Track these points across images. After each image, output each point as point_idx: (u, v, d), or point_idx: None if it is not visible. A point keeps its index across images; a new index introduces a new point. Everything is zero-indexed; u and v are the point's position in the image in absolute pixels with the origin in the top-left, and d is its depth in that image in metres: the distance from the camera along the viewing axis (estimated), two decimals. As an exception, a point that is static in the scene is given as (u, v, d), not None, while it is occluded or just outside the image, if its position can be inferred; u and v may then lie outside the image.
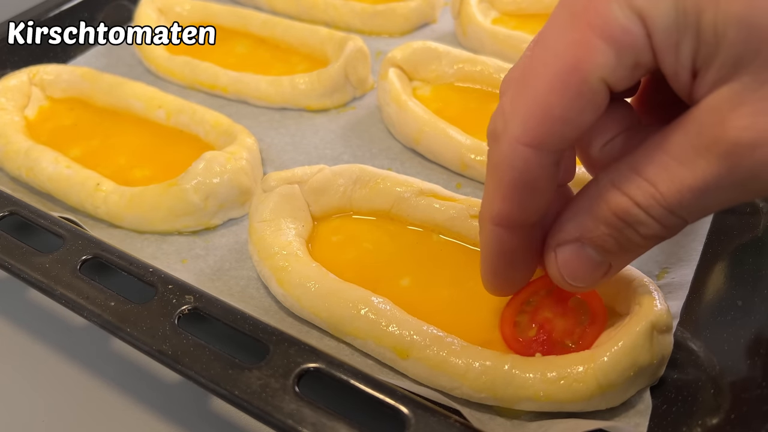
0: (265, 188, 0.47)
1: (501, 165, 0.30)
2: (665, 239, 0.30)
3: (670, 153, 0.27)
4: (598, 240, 0.31)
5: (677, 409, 0.36)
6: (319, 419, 0.32)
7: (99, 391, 0.42)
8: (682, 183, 0.27)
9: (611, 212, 0.29)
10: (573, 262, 0.32)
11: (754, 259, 0.43)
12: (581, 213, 0.31)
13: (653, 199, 0.28)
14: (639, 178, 0.28)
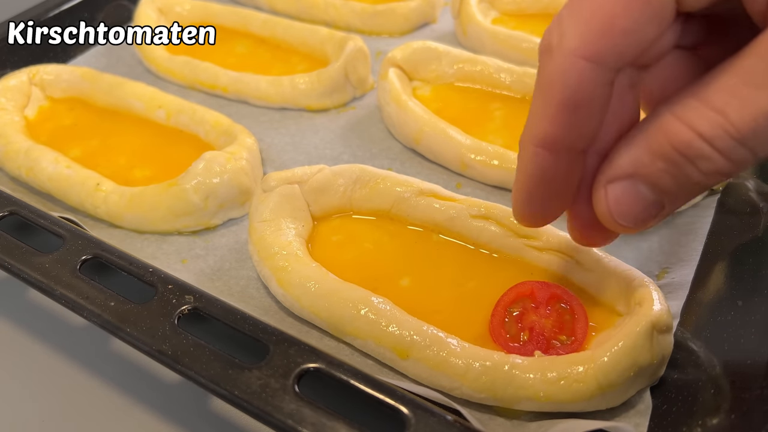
0: (265, 188, 0.47)
1: (553, 81, 0.28)
2: (727, 177, 0.28)
3: (743, 77, 0.25)
4: (654, 176, 0.28)
5: (677, 409, 0.36)
6: (319, 419, 0.32)
7: (99, 391, 0.42)
8: (755, 107, 0.25)
9: (670, 145, 0.27)
10: (624, 199, 0.30)
11: (754, 259, 0.43)
12: (637, 147, 0.29)
13: (721, 129, 0.25)
14: (704, 106, 0.26)
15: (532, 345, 0.39)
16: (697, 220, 0.49)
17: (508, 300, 0.41)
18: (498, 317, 0.40)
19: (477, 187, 0.53)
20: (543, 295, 0.41)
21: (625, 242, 0.48)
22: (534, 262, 0.44)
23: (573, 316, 0.40)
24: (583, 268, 0.43)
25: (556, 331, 0.39)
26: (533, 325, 0.40)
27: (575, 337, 0.39)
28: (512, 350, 0.39)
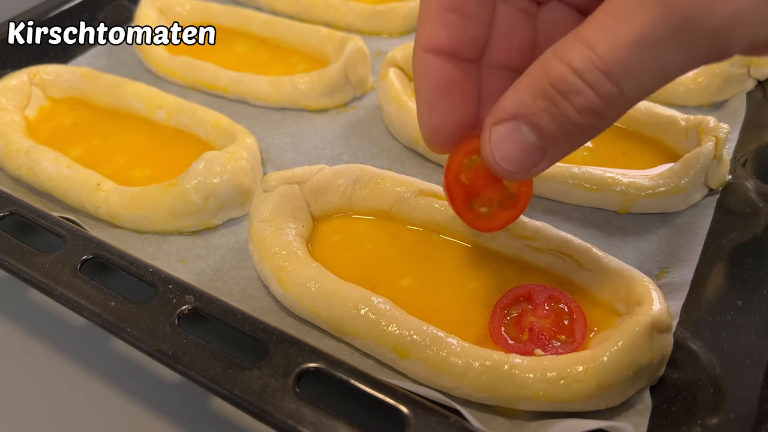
0: (265, 188, 0.47)
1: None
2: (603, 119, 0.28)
3: (611, 12, 0.26)
4: (535, 116, 0.29)
5: (677, 409, 0.36)
6: (319, 419, 0.32)
7: (99, 391, 0.42)
8: (620, 39, 0.25)
9: (548, 82, 0.28)
10: (506, 141, 0.30)
11: (754, 259, 0.43)
12: (521, 88, 0.29)
13: (590, 62, 0.26)
14: (579, 43, 0.27)
15: (532, 345, 0.39)
16: (697, 220, 0.49)
17: (507, 302, 0.41)
18: (497, 319, 0.40)
19: (477, 187, 0.53)
20: (541, 297, 0.41)
21: (625, 242, 0.48)
22: (534, 262, 0.44)
23: (571, 317, 0.40)
24: (583, 268, 0.43)
25: (555, 331, 0.40)
26: (532, 326, 0.40)
27: (574, 337, 0.39)
28: (513, 350, 0.39)
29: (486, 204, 0.37)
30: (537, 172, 0.31)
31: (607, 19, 0.26)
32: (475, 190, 0.36)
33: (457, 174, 0.36)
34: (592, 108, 0.27)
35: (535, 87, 0.28)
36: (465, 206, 0.37)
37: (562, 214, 0.51)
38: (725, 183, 0.51)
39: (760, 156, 0.53)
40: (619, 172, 0.50)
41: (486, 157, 0.31)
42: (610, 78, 0.26)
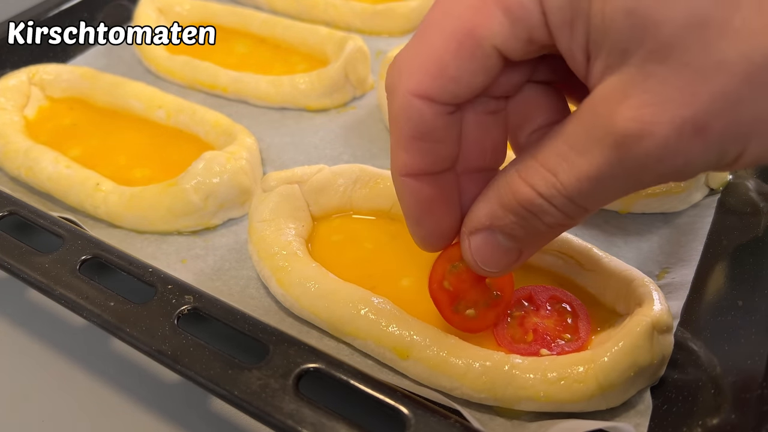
0: (265, 188, 0.47)
1: (398, 117, 0.31)
2: (570, 227, 0.31)
3: (569, 143, 0.27)
4: (507, 228, 0.31)
5: (677, 409, 0.36)
6: (319, 419, 0.32)
7: (99, 391, 0.42)
8: (580, 172, 0.27)
9: (517, 202, 0.30)
10: (485, 248, 0.33)
11: (754, 259, 0.43)
12: (491, 201, 0.32)
13: (554, 189, 0.28)
14: (541, 168, 0.29)
15: (538, 345, 0.39)
16: (697, 220, 0.49)
17: (509, 304, 0.41)
18: (501, 321, 0.40)
19: (477, 187, 0.53)
20: (542, 297, 0.41)
21: (625, 242, 0.48)
22: (534, 263, 0.44)
23: (575, 315, 0.40)
24: (584, 268, 0.42)
25: (559, 330, 0.40)
26: (536, 327, 0.40)
27: (579, 335, 0.39)
28: (518, 351, 0.39)
29: (472, 306, 0.39)
30: (515, 267, 0.34)
31: (566, 148, 0.28)
32: (460, 294, 0.38)
33: (440, 281, 0.38)
34: (561, 223, 0.30)
35: (504, 203, 0.31)
36: (451, 311, 0.39)
37: (563, 214, 0.51)
38: (726, 183, 0.51)
39: (760, 156, 0.53)
40: (620, 171, 0.50)
41: (469, 263, 0.34)
42: (574, 203, 0.28)
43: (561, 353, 0.38)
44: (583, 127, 0.27)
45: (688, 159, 0.25)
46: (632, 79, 0.25)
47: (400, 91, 0.30)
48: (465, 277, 0.39)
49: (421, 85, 0.29)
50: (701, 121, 0.23)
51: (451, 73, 0.29)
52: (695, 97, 0.23)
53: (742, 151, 0.25)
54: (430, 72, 0.29)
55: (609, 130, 0.25)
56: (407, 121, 0.30)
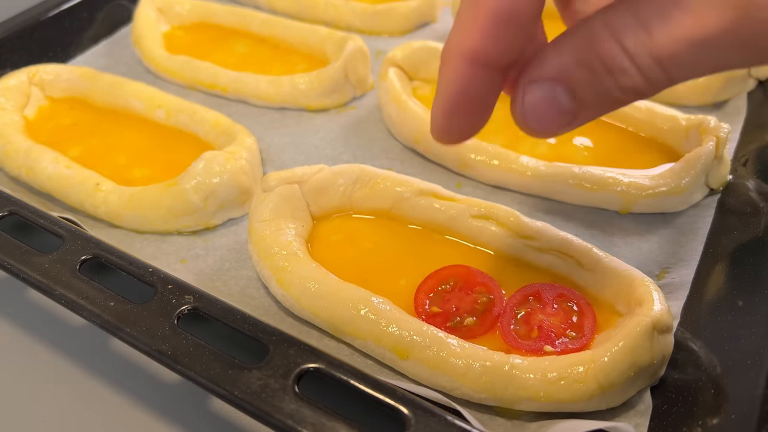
0: (265, 188, 0.47)
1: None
2: (643, 97, 0.28)
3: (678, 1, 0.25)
4: (574, 84, 0.28)
5: (677, 409, 0.36)
6: (319, 419, 0.32)
7: (99, 391, 0.42)
8: (682, 32, 0.24)
9: (596, 55, 0.27)
10: (541, 102, 0.29)
11: (754, 259, 0.43)
12: (565, 52, 0.28)
13: (644, 47, 0.26)
14: (635, 21, 0.26)
15: (542, 342, 0.39)
16: (697, 220, 0.49)
17: (516, 301, 0.41)
18: (506, 318, 0.40)
19: (477, 187, 0.53)
20: (549, 295, 0.41)
21: (626, 242, 0.48)
22: (534, 263, 0.44)
23: (580, 313, 0.40)
24: (584, 268, 0.43)
25: (564, 328, 0.40)
26: (541, 324, 0.40)
27: (583, 333, 0.39)
28: (522, 348, 0.39)
29: (468, 315, 0.40)
30: (561, 133, 0.31)
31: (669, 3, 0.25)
32: (451, 312, 0.40)
33: (426, 311, 0.40)
34: (636, 89, 0.27)
35: (581, 55, 0.27)
36: (448, 327, 0.40)
37: (563, 214, 0.51)
38: (726, 183, 0.51)
39: (761, 156, 0.53)
40: (620, 172, 0.50)
41: (515, 114, 0.31)
42: (662, 67, 0.26)
43: (565, 351, 0.38)
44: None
45: None
46: None
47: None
48: (449, 296, 0.41)
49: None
50: None
51: None
52: None
53: None
54: None
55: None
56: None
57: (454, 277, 0.43)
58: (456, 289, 0.42)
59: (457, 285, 0.42)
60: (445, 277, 0.43)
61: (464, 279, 0.42)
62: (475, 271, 0.43)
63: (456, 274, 0.43)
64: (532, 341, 0.39)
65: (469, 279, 0.42)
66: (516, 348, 0.39)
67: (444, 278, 0.43)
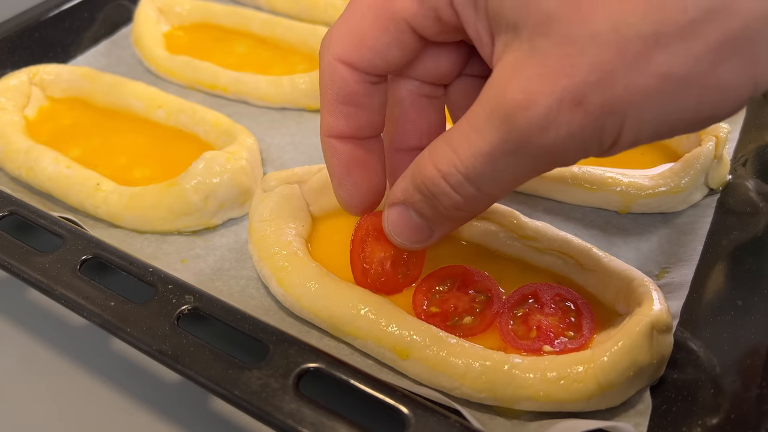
0: (265, 188, 0.47)
1: (324, 80, 0.33)
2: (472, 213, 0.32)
3: (470, 121, 0.28)
4: (416, 205, 0.33)
5: (677, 409, 0.36)
6: (319, 419, 0.32)
7: (99, 391, 0.42)
8: (475, 149, 0.28)
9: (422, 180, 0.31)
10: (399, 222, 0.35)
11: (754, 259, 0.43)
12: (407, 177, 0.33)
13: (453, 167, 0.29)
14: (446, 146, 0.30)
15: (541, 342, 0.39)
16: (697, 220, 0.49)
17: (514, 301, 0.41)
18: (505, 318, 0.40)
19: (477, 187, 0.53)
20: (547, 295, 0.41)
21: (625, 242, 0.48)
22: (534, 263, 0.44)
23: (579, 313, 0.40)
24: (583, 268, 0.43)
25: (563, 327, 0.40)
26: (540, 324, 0.40)
27: (582, 333, 0.39)
28: (521, 348, 0.39)
29: (466, 314, 0.41)
30: (430, 244, 0.36)
31: (466, 126, 0.28)
32: (449, 312, 0.41)
33: (425, 311, 0.41)
34: (458, 207, 0.31)
35: (415, 181, 0.32)
36: (448, 327, 0.41)
37: (562, 214, 0.51)
38: (725, 183, 0.51)
39: (760, 156, 0.53)
40: (619, 171, 0.50)
41: (386, 232, 0.36)
42: (470, 181, 0.29)
43: (564, 350, 0.38)
44: (481, 105, 0.28)
45: (569, 131, 0.25)
46: (524, 54, 0.25)
47: (327, 56, 0.32)
48: (447, 296, 0.41)
49: (344, 51, 0.31)
50: (580, 91, 0.24)
51: (369, 43, 0.31)
52: (574, 69, 0.24)
53: (620, 126, 0.25)
54: (351, 40, 0.31)
55: (500, 103, 0.26)
56: (332, 84, 0.32)
57: (452, 277, 0.43)
58: (454, 289, 0.42)
59: (455, 285, 0.42)
60: (442, 277, 0.43)
61: (462, 278, 0.42)
62: (473, 270, 0.43)
63: (453, 273, 0.43)
64: (530, 341, 0.39)
65: (467, 278, 0.42)
66: (515, 348, 0.39)
67: (442, 278, 0.43)
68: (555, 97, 0.25)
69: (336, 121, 0.34)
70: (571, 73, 0.24)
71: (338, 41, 0.32)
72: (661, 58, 0.23)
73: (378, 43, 0.31)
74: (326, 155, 0.35)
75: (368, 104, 0.33)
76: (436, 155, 0.30)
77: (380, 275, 0.41)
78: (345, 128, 0.34)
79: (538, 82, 0.25)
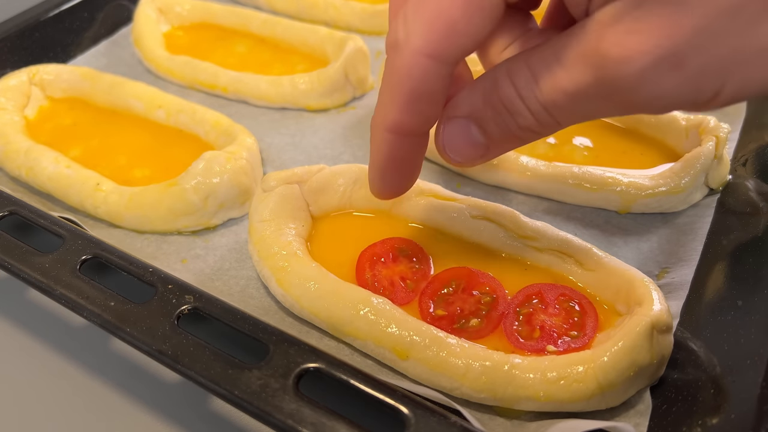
0: (265, 188, 0.47)
1: (401, 75, 0.31)
2: (541, 135, 0.32)
3: (557, 55, 0.28)
4: (483, 121, 0.32)
5: (677, 409, 0.36)
6: (319, 419, 0.32)
7: (99, 391, 0.42)
8: (559, 84, 0.28)
9: (498, 98, 0.31)
10: (456, 136, 0.34)
11: (754, 259, 0.43)
12: (475, 92, 0.32)
13: (533, 94, 0.29)
14: (528, 71, 0.29)
15: (544, 342, 0.39)
16: (697, 220, 0.49)
17: (518, 301, 0.41)
18: (509, 318, 0.40)
19: (477, 187, 0.53)
20: (551, 296, 0.41)
21: (625, 242, 0.48)
22: (534, 263, 0.44)
23: (582, 313, 0.40)
24: (584, 268, 0.43)
25: (566, 327, 0.40)
26: (543, 324, 0.40)
27: (585, 332, 0.39)
28: (525, 347, 0.39)
29: (473, 316, 0.41)
30: (479, 163, 0.35)
31: (552, 57, 0.28)
32: (455, 314, 0.41)
33: (431, 314, 0.41)
34: (531, 129, 0.31)
35: (487, 97, 0.32)
36: (454, 329, 0.40)
37: (563, 214, 0.51)
38: (725, 183, 0.51)
39: (760, 156, 0.53)
40: (620, 171, 0.50)
41: (437, 146, 0.35)
42: (548, 112, 0.30)
43: (567, 350, 0.38)
44: (573, 41, 0.27)
45: (661, 92, 0.25)
46: (626, 6, 0.25)
47: (408, 50, 0.30)
48: (453, 298, 0.41)
49: (429, 44, 0.29)
50: (681, 53, 0.24)
51: (461, 29, 0.29)
52: (678, 29, 0.23)
53: (719, 88, 0.25)
54: (439, 30, 0.29)
55: (594, 50, 0.26)
56: (409, 80, 0.30)
57: (457, 279, 0.43)
58: (459, 291, 0.42)
59: (459, 287, 0.42)
60: (447, 280, 0.43)
61: (467, 280, 0.42)
62: (477, 271, 0.43)
63: (458, 275, 0.43)
64: (534, 341, 0.39)
65: (472, 280, 0.42)
66: (519, 348, 0.39)
67: (446, 281, 0.43)
68: (653, 57, 0.24)
69: (404, 118, 0.32)
70: (673, 34, 0.24)
71: (421, 32, 0.29)
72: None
73: (472, 27, 0.29)
74: (379, 147, 0.34)
75: (441, 99, 0.32)
76: (516, 76, 0.30)
77: (390, 293, 0.42)
78: (413, 125, 0.33)
79: (638, 40, 0.24)
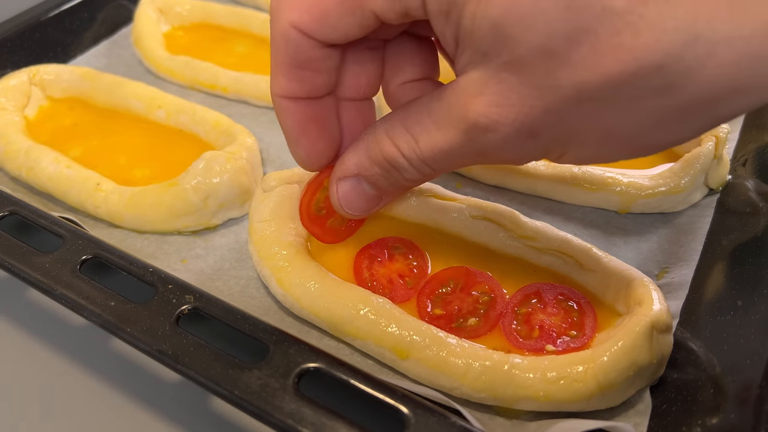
0: (265, 188, 0.47)
1: (277, 42, 0.33)
2: (422, 183, 0.36)
3: (431, 117, 0.32)
4: (372, 178, 0.36)
5: (677, 409, 0.36)
6: (319, 419, 0.32)
7: (99, 391, 0.42)
8: (436, 144, 0.32)
9: (383, 157, 0.35)
10: (351, 194, 0.37)
11: (754, 259, 0.43)
12: (360, 153, 0.36)
13: (414, 153, 0.33)
14: (407, 133, 0.33)
15: (543, 342, 0.39)
16: (697, 220, 0.49)
17: (517, 301, 0.41)
18: (508, 317, 0.40)
19: (477, 187, 0.53)
20: (550, 295, 0.41)
21: (625, 242, 0.48)
22: (534, 262, 0.44)
23: (581, 313, 0.40)
24: (583, 268, 0.43)
25: (565, 327, 0.40)
26: (542, 323, 0.40)
27: (584, 332, 0.39)
28: (524, 347, 0.39)
29: (471, 316, 0.41)
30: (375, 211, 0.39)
31: (428, 121, 0.32)
32: (454, 314, 0.41)
33: (429, 314, 0.41)
34: (416, 180, 0.35)
35: (372, 156, 0.35)
36: (454, 328, 0.41)
37: (562, 214, 0.51)
38: (725, 183, 0.51)
39: (760, 156, 0.53)
40: (619, 171, 0.50)
41: (334, 205, 0.38)
42: (427, 165, 0.34)
43: (566, 350, 0.38)
44: (444, 107, 0.31)
45: (520, 153, 0.31)
46: (489, 79, 0.29)
47: (282, 19, 0.32)
48: (451, 298, 0.41)
49: (302, 20, 0.31)
50: (535, 127, 0.29)
51: (330, 21, 0.31)
52: (533, 109, 0.28)
53: (563, 152, 0.31)
54: (311, 13, 0.31)
55: (463, 117, 0.30)
56: (286, 48, 0.32)
57: (454, 279, 0.43)
58: (457, 290, 0.42)
59: (457, 286, 0.42)
60: (445, 279, 0.43)
61: (465, 280, 0.42)
62: (475, 271, 0.43)
63: (456, 275, 0.43)
64: (533, 341, 0.39)
65: (470, 279, 0.42)
66: (518, 347, 0.39)
67: (444, 280, 0.43)
68: (513, 128, 0.29)
69: (289, 84, 0.34)
70: (530, 112, 0.28)
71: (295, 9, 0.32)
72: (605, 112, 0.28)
73: (340, 23, 0.31)
74: (279, 115, 0.36)
75: (323, 68, 0.34)
76: (395, 137, 0.34)
77: (389, 291, 0.42)
78: (298, 90, 0.34)
79: (500, 112, 0.29)
